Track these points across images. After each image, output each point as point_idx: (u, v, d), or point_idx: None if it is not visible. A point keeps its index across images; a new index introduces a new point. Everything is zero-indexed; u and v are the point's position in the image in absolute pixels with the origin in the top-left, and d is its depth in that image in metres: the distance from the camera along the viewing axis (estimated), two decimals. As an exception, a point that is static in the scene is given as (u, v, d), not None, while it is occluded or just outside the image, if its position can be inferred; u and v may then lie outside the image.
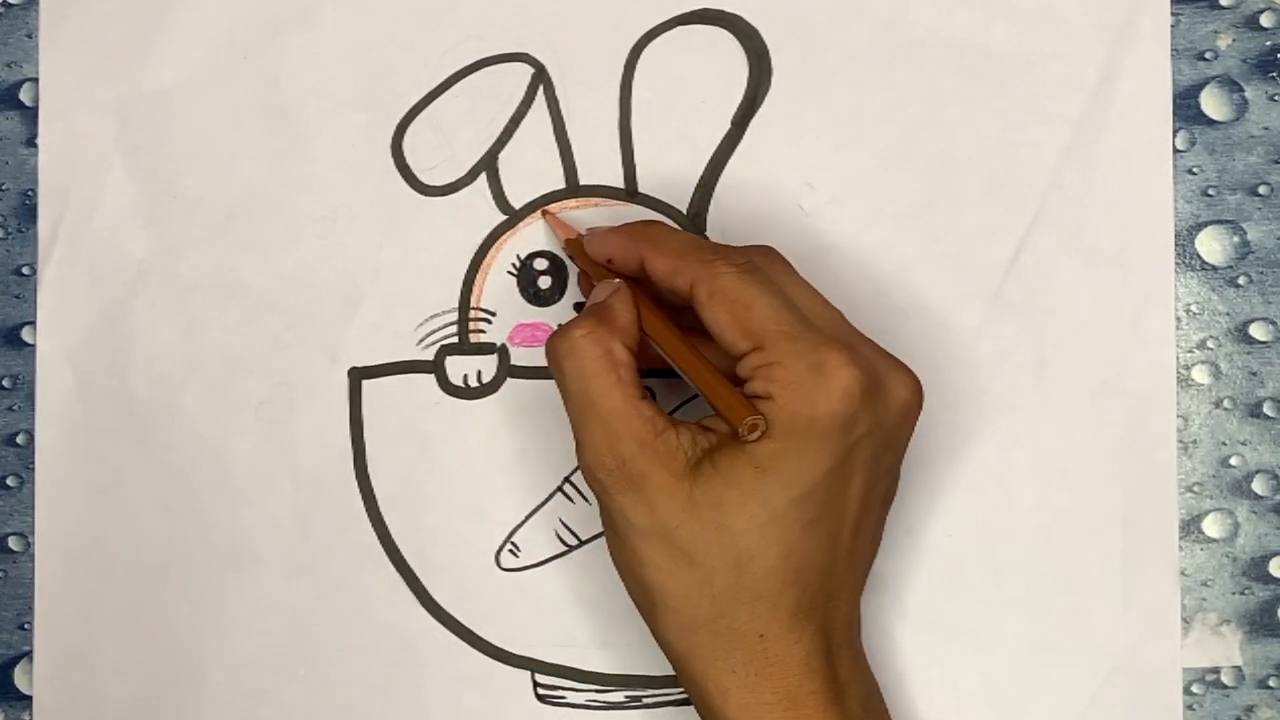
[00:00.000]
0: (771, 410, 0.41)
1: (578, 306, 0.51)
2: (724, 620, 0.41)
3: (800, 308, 0.42)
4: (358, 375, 0.52)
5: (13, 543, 0.53)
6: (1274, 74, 0.50)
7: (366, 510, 0.51)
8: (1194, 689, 0.49)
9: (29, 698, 0.52)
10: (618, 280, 0.45)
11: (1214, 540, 0.49)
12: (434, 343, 0.51)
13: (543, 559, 0.51)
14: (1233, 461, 0.49)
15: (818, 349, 0.41)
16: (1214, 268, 0.50)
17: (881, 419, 0.42)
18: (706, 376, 0.42)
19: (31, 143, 0.53)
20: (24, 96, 0.53)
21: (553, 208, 0.51)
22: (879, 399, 0.41)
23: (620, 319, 0.44)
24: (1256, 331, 0.50)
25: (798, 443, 0.40)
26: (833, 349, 0.41)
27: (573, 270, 0.51)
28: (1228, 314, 0.50)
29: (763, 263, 0.44)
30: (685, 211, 0.51)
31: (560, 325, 0.44)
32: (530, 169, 0.51)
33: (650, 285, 0.45)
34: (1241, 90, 0.50)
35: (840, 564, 0.42)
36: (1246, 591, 0.49)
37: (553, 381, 0.50)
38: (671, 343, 0.44)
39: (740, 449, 0.41)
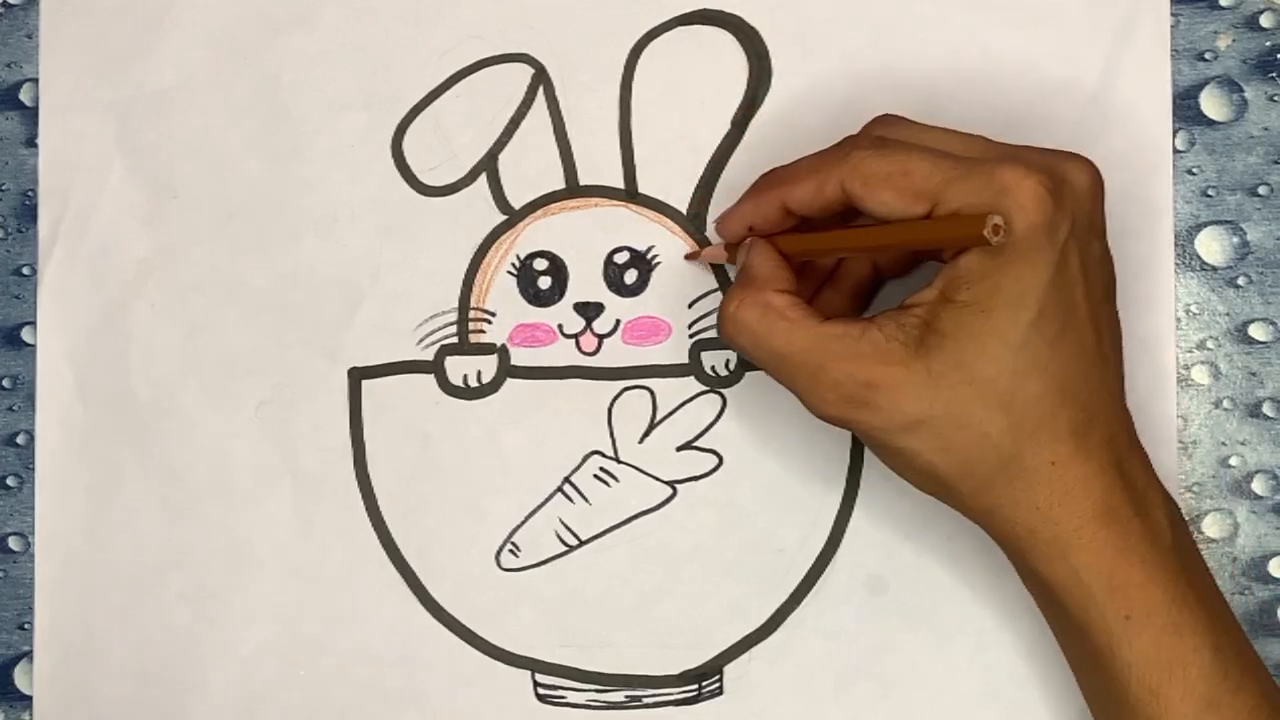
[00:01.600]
0: (976, 252, 0.40)
1: (577, 307, 0.51)
2: (1014, 464, 0.41)
3: (951, 150, 0.42)
4: (358, 375, 0.52)
5: (13, 543, 0.53)
6: (1274, 74, 0.50)
7: (366, 510, 0.51)
8: (1194, 689, 0.49)
9: (29, 698, 0.52)
10: (747, 240, 0.45)
11: (1214, 540, 0.49)
12: (434, 343, 0.51)
13: (543, 559, 0.51)
14: (1232, 461, 0.49)
15: (991, 176, 0.40)
16: (1214, 268, 0.50)
17: (1077, 212, 0.41)
18: (909, 228, 0.41)
19: (31, 143, 0.53)
20: (24, 96, 0.53)
21: (552, 208, 0.51)
22: (1066, 194, 0.41)
23: (762, 269, 0.44)
24: (1256, 332, 0.50)
25: (1012, 267, 0.40)
26: (1004, 168, 0.40)
27: (572, 269, 0.51)
28: (1227, 314, 0.50)
29: (888, 131, 0.43)
30: (685, 211, 0.51)
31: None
32: (530, 169, 0.51)
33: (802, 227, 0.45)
34: (1241, 90, 0.50)
35: (1096, 368, 0.42)
36: (1246, 591, 0.49)
37: (552, 382, 0.51)
38: (846, 235, 0.43)
39: (956, 306, 0.40)
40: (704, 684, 0.50)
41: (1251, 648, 0.43)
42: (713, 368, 0.50)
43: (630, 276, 0.51)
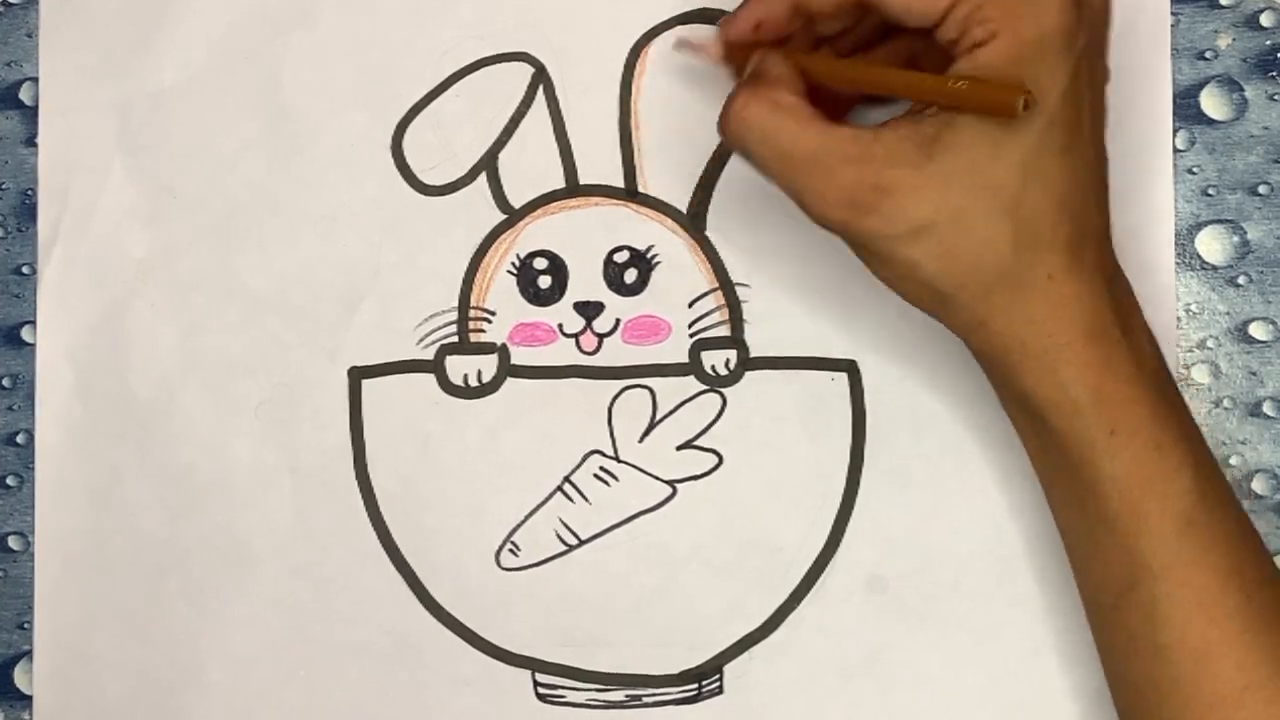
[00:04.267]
0: (1000, 47, 0.39)
1: (577, 306, 0.51)
2: (1012, 274, 0.41)
3: None
4: (358, 375, 0.52)
5: (13, 543, 0.53)
6: (1274, 74, 0.50)
7: (366, 510, 0.51)
8: (1194, 689, 0.49)
9: (29, 697, 0.52)
10: (757, 52, 0.44)
11: (1214, 540, 0.49)
12: (434, 342, 0.51)
13: (543, 559, 0.51)
14: (1233, 461, 0.49)
15: None
16: (1214, 267, 0.50)
17: (1093, 25, 0.41)
18: (941, 80, 0.40)
19: (31, 143, 0.53)
20: (24, 96, 0.53)
21: (552, 207, 0.51)
22: (1085, 6, 0.40)
23: (774, 71, 0.43)
24: (1256, 331, 0.50)
25: (1033, 68, 0.39)
26: None
27: (572, 269, 0.51)
28: (1228, 314, 0.50)
29: None
30: (685, 211, 0.51)
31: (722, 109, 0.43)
32: (530, 169, 0.51)
33: (813, 30, 0.44)
34: (1241, 90, 0.50)
35: (1093, 188, 0.42)
36: (1247, 591, 0.49)
37: (552, 381, 0.51)
38: (871, 71, 0.43)
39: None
40: (704, 683, 0.50)
41: (1224, 476, 0.43)
42: (713, 367, 0.50)
43: (630, 276, 0.51)
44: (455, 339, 0.51)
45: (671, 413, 0.50)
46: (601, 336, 0.51)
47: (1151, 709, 0.42)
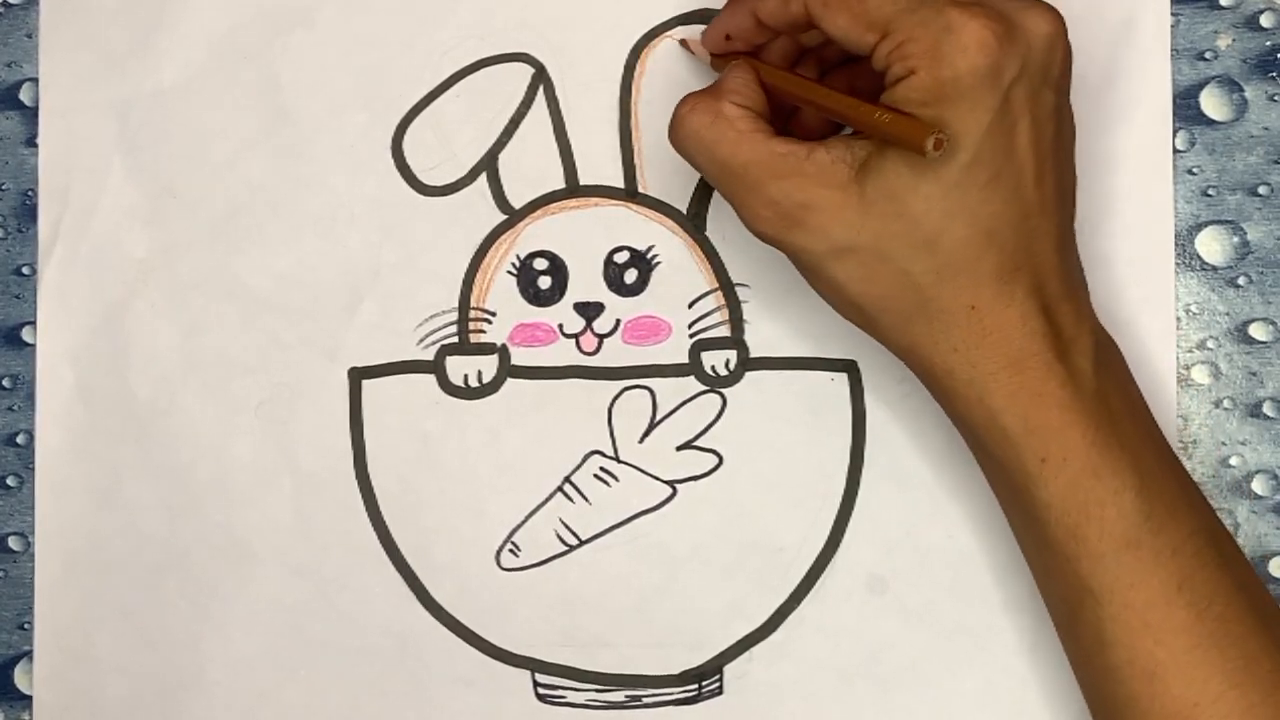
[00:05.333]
0: (916, 84, 0.40)
1: (577, 306, 0.51)
2: (933, 304, 0.41)
3: None
4: (358, 375, 0.52)
5: (13, 543, 0.53)
6: (1274, 74, 0.50)
7: (366, 510, 0.51)
8: (1194, 689, 0.49)
9: (29, 698, 0.52)
10: (737, 57, 0.45)
11: (1214, 540, 0.49)
12: (434, 343, 0.51)
13: (543, 559, 0.51)
14: (1233, 461, 0.49)
15: (941, 13, 0.40)
16: (1214, 268, 0.50)
17: (1028, 58, 0.41)
18: (868, 109, 0.41)
19: (31, 143, 0.53)
20: (24, 96, 0.53)
21: (552, 208, 0.51)
22: (1018, 39, 0.40)
23: (729, 84, 0.44)
24: (1256, 331, 0.50)
25: (952, 106, 0.40)
26: (956, 8, 0.40)
27: (572, 269, 0.51)
28: (1228, 314, 0.50)
29: None
30: (685, 211, 0.51)
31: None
32: (530, 169, 0.51)
33: (776, 48, 0.45)
34: (1241, 90, 0.50)
35: (1033, 216, 0.42)
36: (1246, 591, 0.49)
37: (552, 381, 0.51)
38: (814, 90, 0.43)
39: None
40: (704, 684, 0.50)
41: (1190, 488, 0.43)
42: (713, 368, 0.50)
43: (630, 276, 0.51)
44: (455, 339, 0.51)
45: (671, 413, 0.50)
46: (602, 337, 0.51)
47: None
